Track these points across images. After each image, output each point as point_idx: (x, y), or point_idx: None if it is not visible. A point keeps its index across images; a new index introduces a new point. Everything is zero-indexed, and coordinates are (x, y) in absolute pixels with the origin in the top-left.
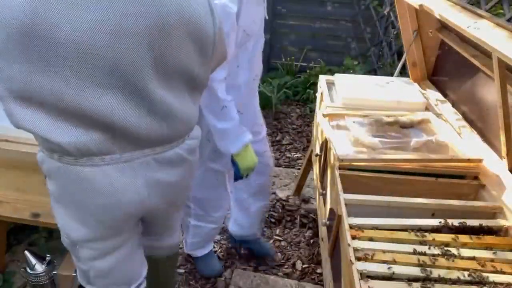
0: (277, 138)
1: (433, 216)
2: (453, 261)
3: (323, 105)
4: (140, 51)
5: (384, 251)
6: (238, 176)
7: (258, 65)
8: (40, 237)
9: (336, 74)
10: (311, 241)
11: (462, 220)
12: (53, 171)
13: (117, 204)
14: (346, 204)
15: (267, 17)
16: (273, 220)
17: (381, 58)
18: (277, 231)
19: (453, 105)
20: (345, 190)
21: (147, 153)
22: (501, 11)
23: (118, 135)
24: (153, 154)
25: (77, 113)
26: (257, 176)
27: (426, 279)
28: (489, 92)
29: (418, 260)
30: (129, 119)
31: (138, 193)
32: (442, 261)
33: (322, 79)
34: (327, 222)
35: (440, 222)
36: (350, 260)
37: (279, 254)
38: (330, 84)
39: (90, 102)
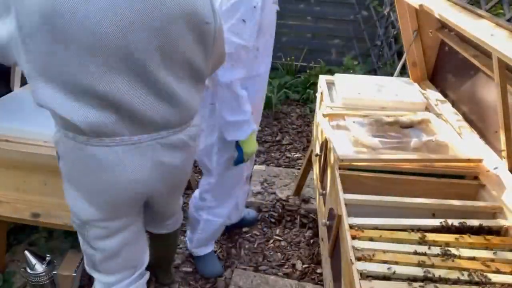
0: (277, 138)
1: (433, 216)
2: (453, 261)
3: (323, 105)
4: (147, 39)
5: (384, 251)
6: (240, 161)
7: (271, 55)
8: (40, 237)
9: (336, 74)
10: (311, 241)
11: (462, 220)
12: (67, 150)
13: (125, 183)
14: (346, 204)
15: (278, 8)
16: (273, 220)
17: (381, 58)
18: (277, 231)
19: (453, 105)
20: (345, 190)
21: (153, 137)
22: (501, 11)
23: (128, 117)
24: (159, 138)
25: (92, 94)
26: (248, 165)
27: (426, 279)
28: (489, 92)
29: (418, 260)
30: (138, 102)
31: (145, 173)
32: (442, 261)
33: (322, 79)
34: (327, 222)
35: (440, 222)
36: (350, 260)
37: (279, 254)
38: (330, 84)
39: (104, 84)
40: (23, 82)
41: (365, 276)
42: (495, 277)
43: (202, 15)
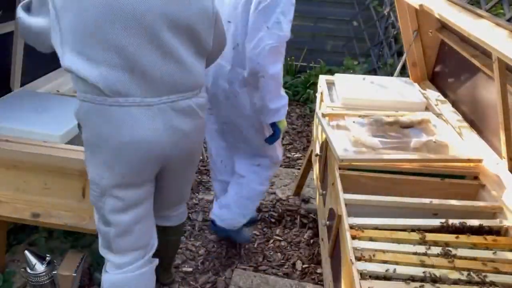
0: None
1: (433, 216)
2: (453, 261)
3: (323, 105)
4: (159, 5)
5: (384, 251)
6: (277, 138)
7: None
8: (40, 237)
9: (336, 74)
10: (311, 241)
11: (462, 220)
12: (86, 114)
13: (139, 142)
14: (346, 204)
15: None
16: (273, 220)
17: (381, 58)
18: (277, 231)
19: (453, 105)
20: (345, 190)
21: (164, 101)
22: (501, 11)
23: (140, 77)
24: (169, 102)
25: (109, 54)
26: None
27: (426, 279)
28: (489, 92)
29: (418, 260)
30: (149, 62)
31: (157, 134)
32: (442, 261)
33: (322, 79)
34: (327, 222)
35: (440, 222)
36: (350, 260)
37: (279, 254)
38: (330, 84)
39: (119, 44)
40: (23, 82)
41: (365, 276)
42: (495, 277)
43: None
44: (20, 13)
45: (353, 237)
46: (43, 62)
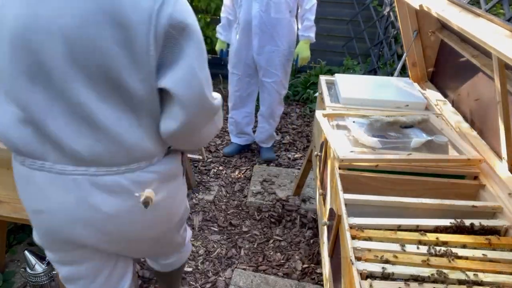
0: (277, 138)
1: (433, 216)
2: (453, 261)
3: (323, 105)
4: (52, 41)
5: (384, 251)
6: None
7: None
8: None
9: (336, 74)
10: (311, 241)
11: (462, 220)
12: (14, 170)
13: (49, 217)
14: (346, 204)
15: None
16: (273, 220)
17: (381, 58)
18: (277, 231)
19: (453, 105)
20: (345, 190)
21: (80, 172)
22: (501, 11)
23: (48, 141)
24: (88, 174)
25: (17, 108)
26: None
27: (425, 279)
28: (489, 92)
29: (418, 260)
30: (55, 124)
31: (70, 213)
32: (442, 261)
33: (322, 79)
34: (327, 222)
35: (440, 222)
36: (350, 260)
37: (279, 254)
38: (330, 84)
39: (24, 96)
40: None
41: (365, 276)
42: (495, 277)
43: (127, 12)
44: None
45: (353, 237)
46: None
